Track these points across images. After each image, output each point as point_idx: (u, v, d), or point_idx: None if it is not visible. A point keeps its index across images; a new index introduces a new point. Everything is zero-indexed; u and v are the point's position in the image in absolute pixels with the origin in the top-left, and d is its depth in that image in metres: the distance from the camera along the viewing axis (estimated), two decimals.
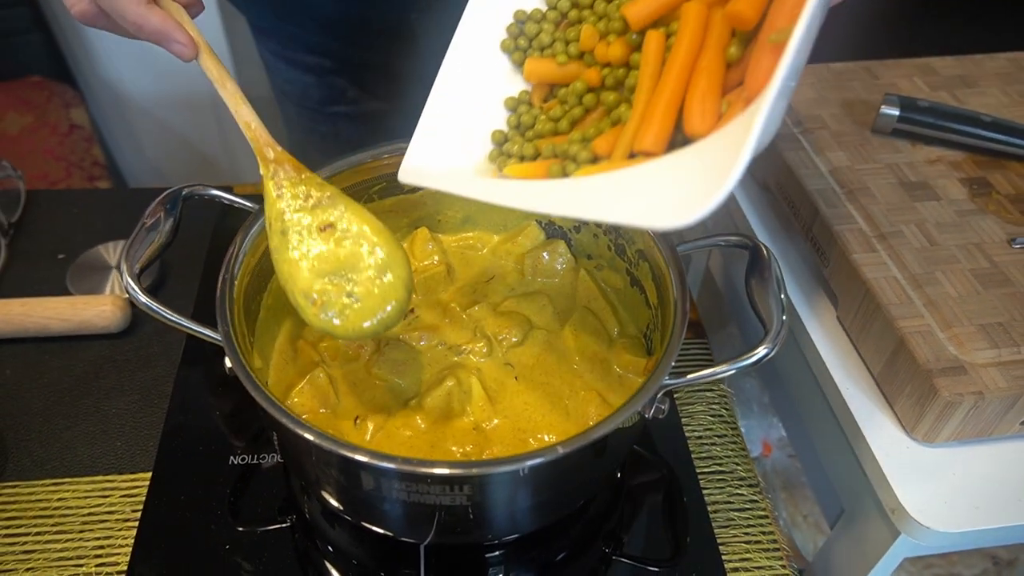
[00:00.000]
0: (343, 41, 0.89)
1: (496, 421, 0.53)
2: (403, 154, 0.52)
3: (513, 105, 0.53)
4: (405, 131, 0.53)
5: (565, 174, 0.46)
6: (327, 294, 0.47)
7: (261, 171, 0.50)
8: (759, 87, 0.37)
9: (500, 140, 0.52)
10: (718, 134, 0.38)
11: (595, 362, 0.58)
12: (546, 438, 0.53)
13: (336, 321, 0.47)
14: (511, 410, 0.55)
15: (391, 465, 0.42)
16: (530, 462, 0.42)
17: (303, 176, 0.51)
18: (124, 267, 0.49)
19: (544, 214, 0.42)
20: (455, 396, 0.54)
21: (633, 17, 0.47)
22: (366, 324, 0.47)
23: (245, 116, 0.50)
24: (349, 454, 0.42)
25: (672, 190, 0.37)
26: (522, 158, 0.50)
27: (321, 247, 0.48)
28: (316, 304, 0.47)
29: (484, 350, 0.58)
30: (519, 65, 0.54)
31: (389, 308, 0.47)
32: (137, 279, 0.49)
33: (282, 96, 1.00)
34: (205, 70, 0.50)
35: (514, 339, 0.58)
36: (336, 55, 0.91)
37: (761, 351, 0.47)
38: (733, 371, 0.48)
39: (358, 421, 0.53)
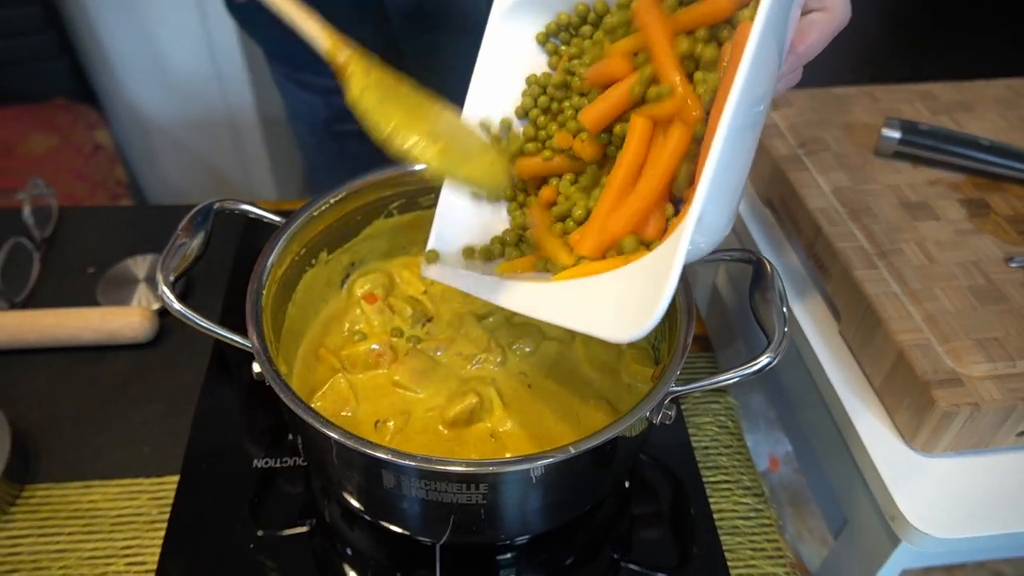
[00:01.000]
0: None
1: (511, 426, 0.56)
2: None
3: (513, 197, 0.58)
4: None
5: (547, 269, 0.50)
6: (446, 143, 0.48)
7: (340, 60, 0.50)
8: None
9: (497, 250, 0.57)
10: (661, 247, 0.41)
11: (605, 372, 0.60)
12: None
13: (459, 162, 0.48)
14: (525, 418, 0.57)
15: (411, 463, 0.44)
16: (543, 461, 0.45)
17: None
18: (160, 277, 0.52)
19: (522, 314, 0.48)
20: (476, 411, 0.56)
21: (589, 123, 0.50)
22: (484, 175, 0.49)
23: (318, 22, 0.51)
24: (371, 452, 0.44)
25: (619, 305, 0.41)
26: (521, 250, 0.56)
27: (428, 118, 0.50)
28: (439, 143, 0.47)
29: (499, 360, 0.60)
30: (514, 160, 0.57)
31: (497, 177, 0.50)
32: (172, 288, 0.52)
33: (293, 116, 1.07)
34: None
35: (527, 349, 0.61)
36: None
37: (763, 360, 0.49)
38: (737, 378, 0.50)
39: (378, 425, 0.55)
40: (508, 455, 0.55)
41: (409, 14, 0.83)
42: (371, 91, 0.49)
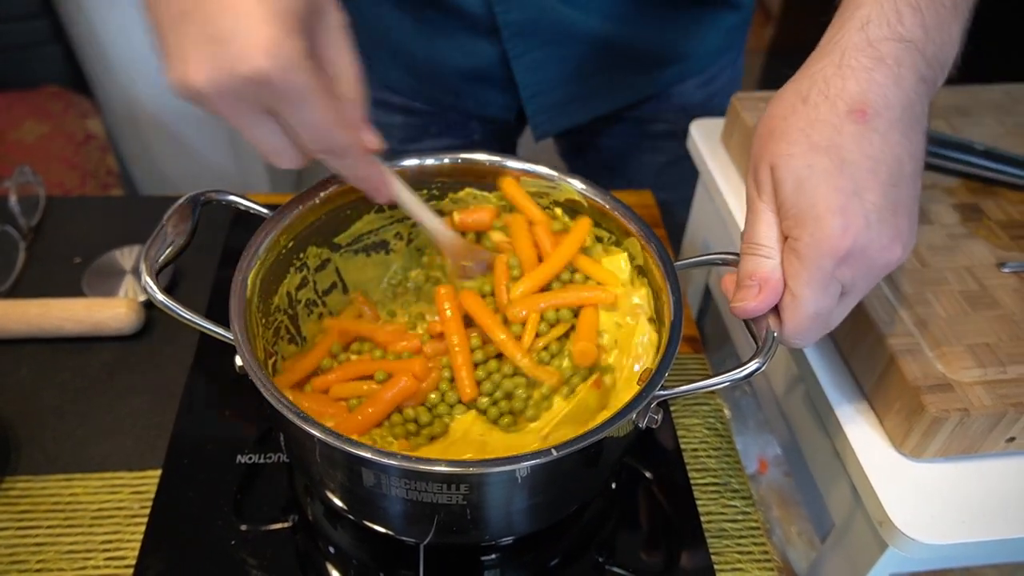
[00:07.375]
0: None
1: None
2: None
3: None
4: None
5: None
6: None
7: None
8: None
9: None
10: None
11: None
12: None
13: None
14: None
15: (393, 462, 0.43)
16: (527, 463, 0.44)
17: None
18: (143, 267, 0.51)
19: None
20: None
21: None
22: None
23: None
24: (353, 450, 0.44)
25: None
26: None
27: None
28: None
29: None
30: None
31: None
32: (155, 279, 0.51)
33: None
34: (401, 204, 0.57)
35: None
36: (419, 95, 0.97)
37: (752, 365, 0.49)
38: (726, 383, 0.49)
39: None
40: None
41: (519, 31, 0.83)
42: None
